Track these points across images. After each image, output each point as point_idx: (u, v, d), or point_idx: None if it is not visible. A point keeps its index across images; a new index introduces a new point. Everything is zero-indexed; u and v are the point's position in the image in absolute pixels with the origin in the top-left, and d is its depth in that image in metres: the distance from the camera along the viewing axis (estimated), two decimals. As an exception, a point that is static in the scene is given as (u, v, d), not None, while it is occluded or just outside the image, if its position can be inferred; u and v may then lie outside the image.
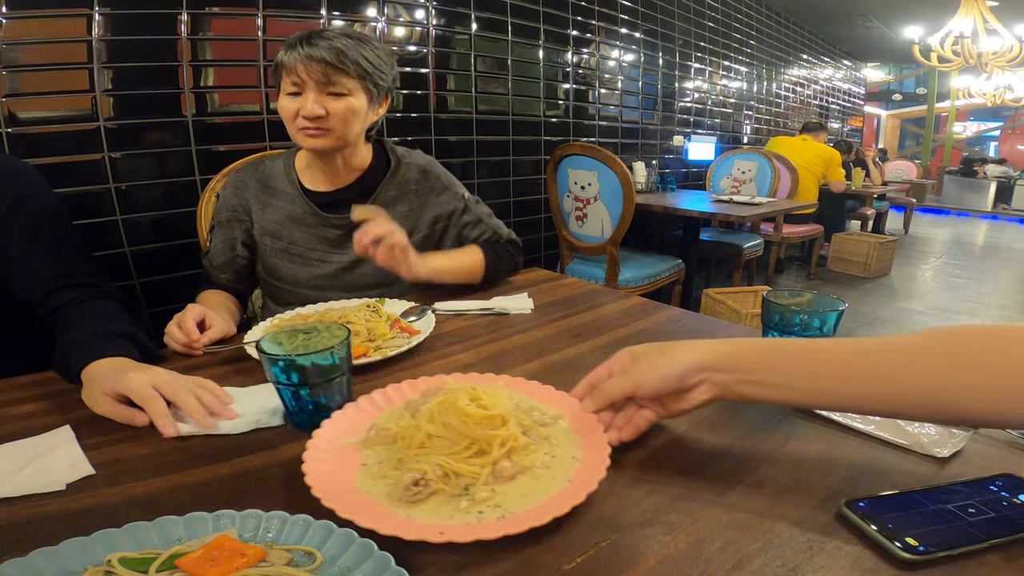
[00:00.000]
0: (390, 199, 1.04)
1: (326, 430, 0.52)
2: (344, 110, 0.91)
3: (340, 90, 0.90)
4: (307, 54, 0.86)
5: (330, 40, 0.88)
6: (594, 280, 2.36)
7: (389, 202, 1.03)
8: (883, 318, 3.18)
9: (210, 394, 0.59)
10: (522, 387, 0.60)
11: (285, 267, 1.02)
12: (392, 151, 1.08)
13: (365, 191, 1.02)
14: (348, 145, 0.97)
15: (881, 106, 11.22)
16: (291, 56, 0.88)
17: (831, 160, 3.88)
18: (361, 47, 0.91)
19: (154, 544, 0.38)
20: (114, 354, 0.64)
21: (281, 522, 0.40)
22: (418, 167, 1.07)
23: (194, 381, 0.61)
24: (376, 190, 1.03)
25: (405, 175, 1.06)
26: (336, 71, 0.88)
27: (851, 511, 0.42)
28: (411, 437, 0.50)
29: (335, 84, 0.89)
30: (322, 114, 0.89)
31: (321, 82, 0.88)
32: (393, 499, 0.44)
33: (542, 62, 2.68)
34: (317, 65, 0.87)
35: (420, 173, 1.07)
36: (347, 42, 0.89)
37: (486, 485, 0.45)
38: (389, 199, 1.04)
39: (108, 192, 1.52)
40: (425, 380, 0.61)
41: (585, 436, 0.51)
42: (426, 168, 1.08)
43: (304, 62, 0.87)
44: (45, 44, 1.39)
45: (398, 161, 1.06)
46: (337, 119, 0.91)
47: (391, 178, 1.04)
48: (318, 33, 0.89)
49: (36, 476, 0.48)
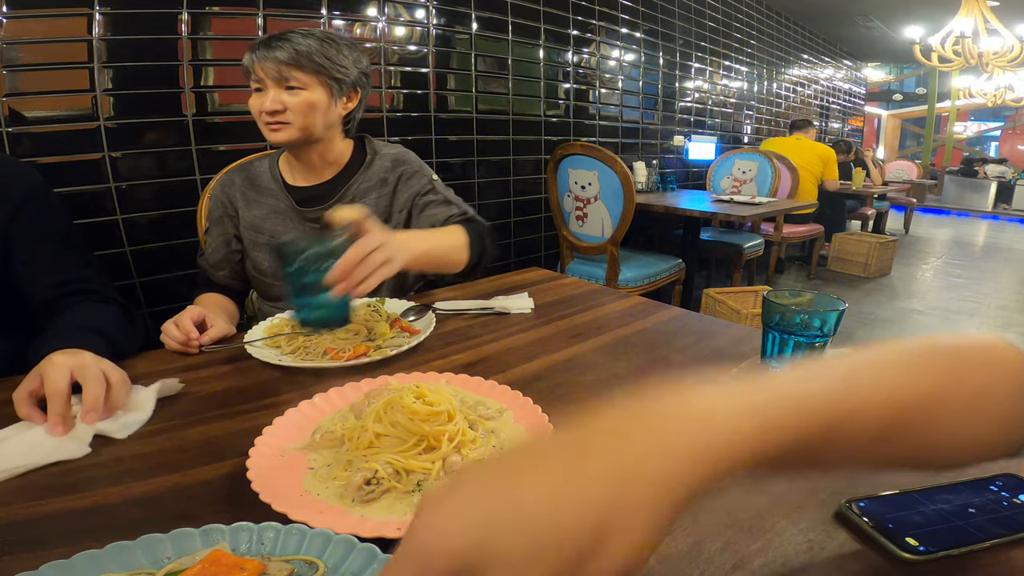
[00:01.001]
0: (363, 191, 1.05)
1: (268, 436, 0.51)
2: (300, 103, 0.94)
3: (295, 84, 0.93)
4: (262, 55, 0.92)
5: (288, 40, 0.92)
6: (594, 280, 2.36)
7: (362, 194, 1.05)
8: (883, 318, 3.18)
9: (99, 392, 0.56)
10: (465, 383, 0.62)
11: (267, 260, 1.04)
12: (370, 143, 1.09)
13: (341, 185, 1.05)
14: (314, 137, 0.98)
15: (882, 106, 11.21)
16: (250, 57, 0.93)
17: (828, 159, 3.88)
18: (321, 45, 0.94)
19: (141, 564, 0.36)
20: (71, 346, 0.62)
21: (275, 533, 0.38)
22: (390, 156, 1.08)
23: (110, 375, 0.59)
24: (349, 183, 1.04)
25: (378, 165, 1.07)
26: (289, 67, 0.92)
27: (851, 511, 0.42)
28: (359, 438, 0.50)
29: (290, 79, 0.92)
30: (280, 108, 0.93)
31: (277, 79, 0.92)
32: (345, 500, 0.44)
33: (542, 62, 2.67)
34: (271, 64, 0.91)
35: (390, 162, 1.08)
36: (304, 41, 0.93)
37: (438, 480, 0.46)
38: (362, 191, 1.05)
39: (108, 191, 1.52)
40: (368, 382, 0.62)
41: (529, 427, 0.53)
42: (397, 156, 1.09)
43: (260, 61, 0.92)
44: (46, 43, 1.39)
45: (374, 154, 1.08)
46: (295, 113, 0.94)
47: (365, 171, 1.06)
48: (279, 35, 0.93)
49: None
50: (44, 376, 0.56)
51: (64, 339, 0.63)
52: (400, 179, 1.07)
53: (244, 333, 0.80)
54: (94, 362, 0.59)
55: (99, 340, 0.67)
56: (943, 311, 3.33)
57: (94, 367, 0.58)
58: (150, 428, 0.57)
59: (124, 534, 0.37)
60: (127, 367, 0.69)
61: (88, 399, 0.56)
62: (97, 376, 0.58)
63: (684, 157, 3.82)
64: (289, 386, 0.67)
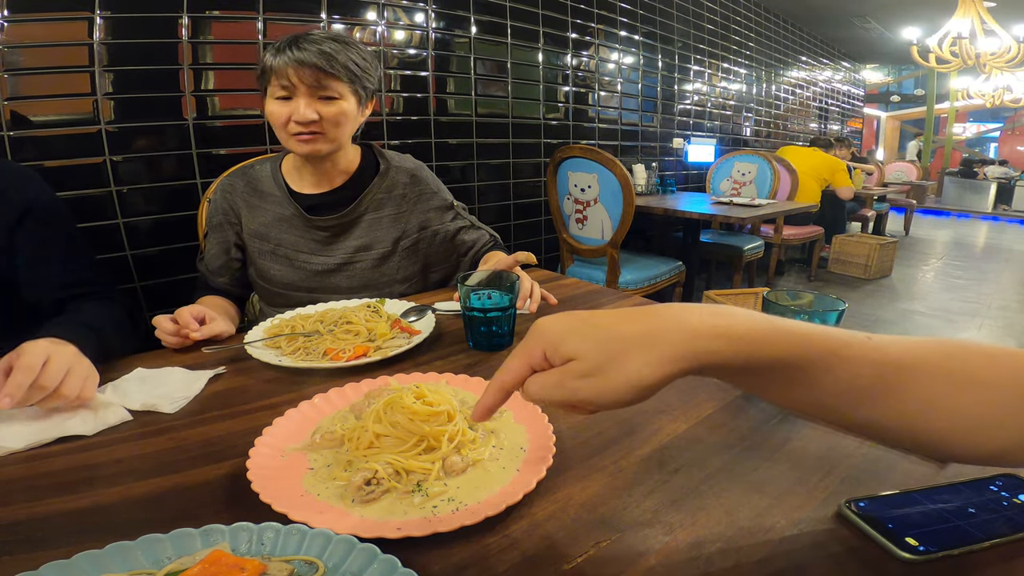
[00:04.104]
0: (378, 202, 1.04)
1: (268, 437, 0.51)
2: (336, 114, 0.91)
3: (331, 94, 0.90)
4: (297, 58, 0.86)
5: (318, 44, 0.88)
6: (595, 282, 2.35)
7: (377, 205, 1.04)
8: (884, 319, 3.18)
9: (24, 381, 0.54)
10: (465, 383, 0.62)
11: (273, 269, 1.03)
12: (381, 154, 1.08)
13: (353, 194, 1.03)
14: (340, 149, 0.98)
15: (880, 108, 11.23)
16: (280, 60, 0.87)
17: (836, 167, 3.89)
18: (348, 50, 0.91)
19: (141, 564, 0.36)
20: (60, 337, 0.63)
21: (275, 533, 0.38)
22: (407, 171, 1.08)
23: (76, 373, 0.58)
24: (364, 193, 1.03)
25: (394, 179, 1.06)
26: (327, 75, 0.88)
27: (851, 511, 0.42)
28: (359, 438, 0.50)
29: (326, 88, 0.89)
30: (315, 118, 0.89)
31: (312, 86, 0.88)
32: (346, 500, 0.44)
33: (542, 65, 2.68)
34: (308, 70, 0.87)
35: (409, 177, 1.07)
36: (334, 46, 0.89)
37: (438, 480, 0.46)
38: (377, 202, 1.04)
39: (109, 195, 1.52)
40: (368, 382, 0.62)
41: (530, 427, 0.53)
42: (415, 172, 1.09)
43: (295, 66, 0.86)
44: (47, 48, 1.40)
45: (388, 165, 1.06)
46: (329, 123, 0.91)
47: (380, 182, 1.05)
48: (304, 36, 0.89)
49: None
50: (21, 352, 0.56)
51: (56, 330, 0.64)
52: (419, 198, 1.08)
53: (244, 334, 0.80)
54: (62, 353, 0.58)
55: (90, 335, 0.67)
56: (944, 312, 3.33)
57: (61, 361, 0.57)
58: (150, 428, 0.57)
59: (124, 534, 0.37)
60: (126, 366, 0.70)
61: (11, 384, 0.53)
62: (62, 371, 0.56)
63: (683, 159, 3.82)
64: (289, 386, 0.67)
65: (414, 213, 1.07)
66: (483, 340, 0.77)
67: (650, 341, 0.33)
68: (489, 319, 0.75)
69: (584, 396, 0.34)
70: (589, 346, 0.34)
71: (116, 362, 0.72)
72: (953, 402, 0.33)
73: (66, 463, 0.51)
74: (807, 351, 0.34)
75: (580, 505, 0.45)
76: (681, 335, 0.33)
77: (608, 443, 0.53)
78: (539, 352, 0.36)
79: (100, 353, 0.67)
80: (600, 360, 0.34)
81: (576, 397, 0.34)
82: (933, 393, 0.34)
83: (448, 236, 1.11)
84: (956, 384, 0.34)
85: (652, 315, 0.35)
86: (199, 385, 0.66)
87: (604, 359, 0.33)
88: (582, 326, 0.35)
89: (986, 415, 0.33)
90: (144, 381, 0.66)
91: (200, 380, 0.66)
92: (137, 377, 0.67)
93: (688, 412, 0.59)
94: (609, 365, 0.33)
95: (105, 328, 0.72)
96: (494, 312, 0.75)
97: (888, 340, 0.35)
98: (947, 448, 0.35)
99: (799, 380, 0.34)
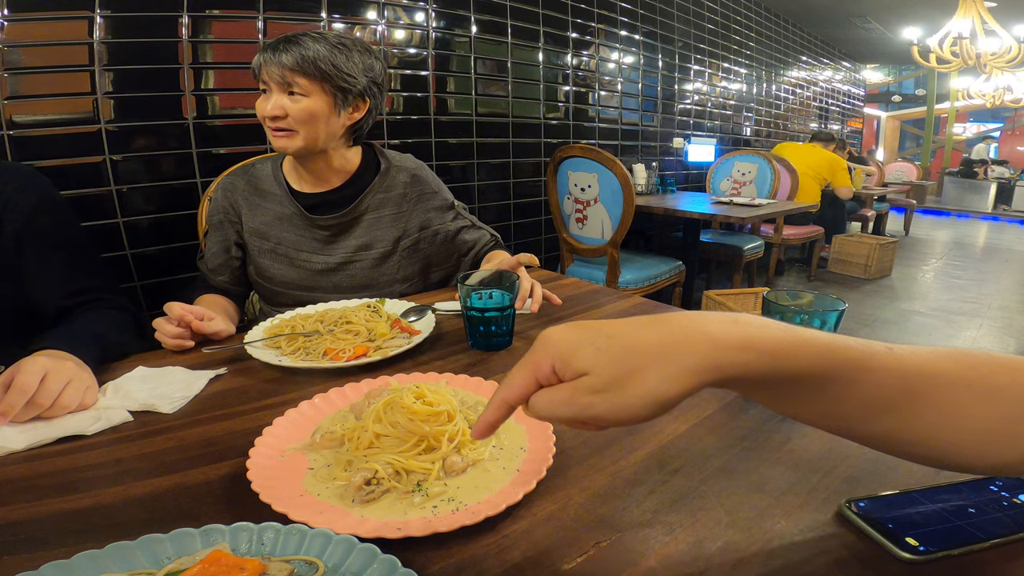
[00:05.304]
0: (379, 202, 1.04)
1: (268, 437, 0.51)
2: (301, 111, 0.92)
3: (297, 90, 0.91)
4: (269, 56, 0.90)
5: (297, 44, 0.90)
6: (594, 282, 2.35)
7: (377, 205, 1.04)
8: (884, 319, 3.18)
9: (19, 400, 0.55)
10: (465, 383, 0.62)
11: (274, 267, 1.03)
12: (381, 154, 1.09)
13: (354, 193, 1.03)
14: (317, 148, 0.97)
15: (881, 107, 11.22)
16: (259, 58, 0.92)
17: (836, 165, 3.87)
18: (330, 51, 0.92)
19: (141, 564, 0.36)
20: (54, 347, 0.63)
21: (275, 533, 0.38)
22: (408, 171, 1.08)
23: (75, 387, 0.58)
24: (365, 193, 1.03)
25: (395, 178, 1.06)
26: (293, 72, 0.90)
27: (851, 511, 0.42)
28: (359, 438, 0.50)
29: (293, 85, 0.91)
30: (280, 114, 0.91)
31: (280, 83, 0.91)
32: (346, 500, 0.44)
33: (542, 64, 2.68)
34: (275, 68, 0.90)
35: (410, 177, 1.08)
36: (313, 46, 0.90)
37: (438, 480, 0.46)
38: (378, 202, 1.04)
39: (109, 194, 1.52)
40: (368, 382, 0.62)
41: (530, 427, 0.53)
42: (415, 172, 1.09)
43: (267, 64, 0.90)
44: (46, 47, 1.40)
45: (388, 164, 1.07)
46: (296, 120, 0.92)
47: (380, 181, 1.05)
48: (292, 38, 0.91)
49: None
50: (18, 369, 0.56)
51: (55, 342, 0.64)
52: (420, 197, 1.08)
53: (244, 333, 0.80)
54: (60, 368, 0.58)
55: (92, 345, 0.67)
56: (944, 312, 3.33)
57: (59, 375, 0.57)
58: (150, 428, 0.57)
59: (124, 534, 0.37)
60: (127, 365, 0.70)
61: (5, 403, 0.54)
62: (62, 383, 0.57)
63: (684, 159, 3.82)
64: (289, 386, 0.67)
65: (415, 213, 1.07)
66: (483, 340, 0.77)
67: (669, 353, 0.31)
68: (488, 319, 0.76)
69: (597, 413, 0.32)
70: (603, 359, 0.32)
71: (120, 361, 0.72)
72: (972, 412, 0.33)
73: (66, 463, 0.51)
74: (832, 363, 0.33)
75: (580, 505, 0.45)
76: (702, 346, 0.31)
77: (608, 443, 0.53)
78: (547, 365, 0.34)
79: (102, 363, 0.67)
80: (615, 374, 0.31)
81: (588, 414, 0.32)
82: (954, 404, 0.33)
83: (449, 236, 1.11)
84: (977, 395, 0.33)
85: (668, 324, 0.33)
86: (199, 385, 0.66)
87: (620, 373, 0.31)
88: (594, 337, 0.33)
89: (1003, 427, 0.33)
90: (144, 380, 0.66)
91: (200, 380, 0.66)
92: (138, 376, 0.67)
93: (688, 412, 0.59)
94: (625, 380, 0.31)
95: (108, 337, 0.72)
96: (493, 312, 0.75)
97: (909, 350, 0.34)
98: (959, 459, 0.34)
99: (824, 393, 0.33)
